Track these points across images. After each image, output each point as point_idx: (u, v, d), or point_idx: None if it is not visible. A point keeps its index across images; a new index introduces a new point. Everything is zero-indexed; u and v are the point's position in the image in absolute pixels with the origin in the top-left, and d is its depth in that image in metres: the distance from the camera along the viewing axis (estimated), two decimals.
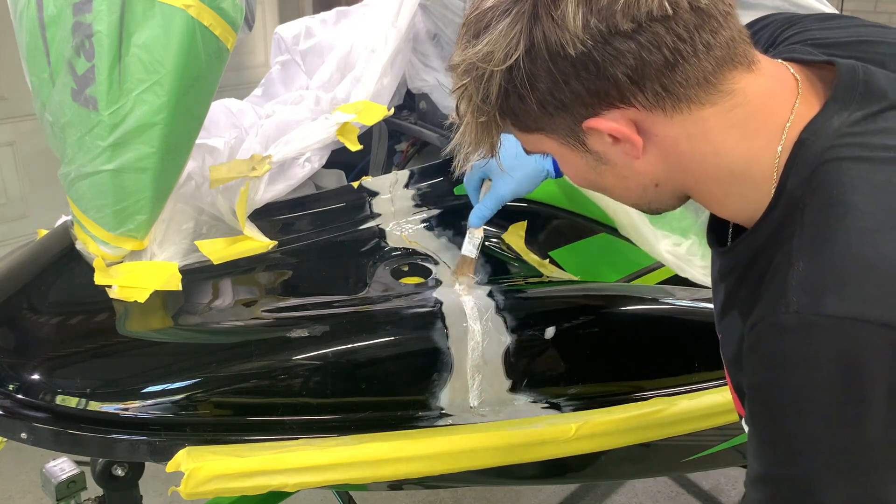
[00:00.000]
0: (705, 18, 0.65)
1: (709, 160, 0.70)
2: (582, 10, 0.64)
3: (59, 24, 1.11)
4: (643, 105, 0.67)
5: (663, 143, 0.70)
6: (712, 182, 0.72)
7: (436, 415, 1.18)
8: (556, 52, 0.65)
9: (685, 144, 0.70)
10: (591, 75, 0.66)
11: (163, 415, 1.08)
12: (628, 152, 0.71)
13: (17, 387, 1.09)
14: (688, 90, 0.67)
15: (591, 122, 0.69)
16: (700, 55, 0.66)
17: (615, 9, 0.63)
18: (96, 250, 1.22)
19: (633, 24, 0.63)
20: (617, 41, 0.64)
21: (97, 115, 1.10)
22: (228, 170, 1.27)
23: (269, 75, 1.75)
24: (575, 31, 0.64)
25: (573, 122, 0.70)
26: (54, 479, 1.23)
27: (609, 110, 0.68)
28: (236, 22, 1.11)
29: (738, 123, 0.69)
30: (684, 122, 0.68)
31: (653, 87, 0.66)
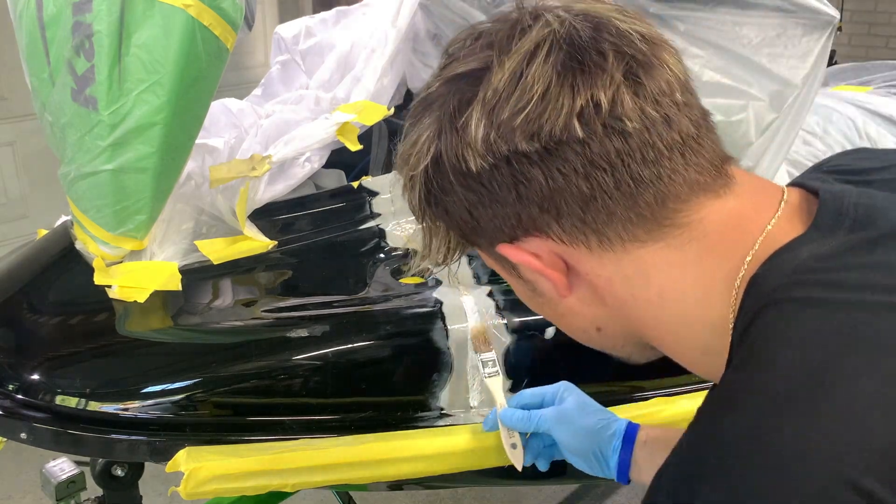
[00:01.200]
0: (634, 147, 0.53)
1: (654, 306, 0.58)
2: (484, 123, 0.54)
3: (58, 23, 1.11)
4: (561, 238, 0.57)
5: (593, 282, 0.59)
6: (666, 333, 0.59)
7: (436, 415, 1.18)
8: (458, 168, 0.56)
9: (621, 287, 0.58)
10: (496, 197, 0.56)
11: (162, 415, 1.08)
12: (554, 287, 0.60)
13: (16, 387, 1.09)
14: (615, 226, 0.55)
15: (504, 248, 0.59)
16: (627, 188, 0.54)
17: (513, 125, 0.53)
18: (96, 250, 1.22)
19: (535, 143, 0.53)
20: (520, 163, 0.54)
21: (97, 115, 1.10)
22: (228, 170, 1.27)
23: (269, 75, 1.75)
24: (475, 145, 0.55)
25: (492, 245, 0.60)
26: (54, 479, 1.23)
27: (527, 238, 0.58)
28: (236, 22, 1.11)
29: (690, 261, 0.56)
30: (618, 262, 0.57)
31: (570, 219, 0.55)
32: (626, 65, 0.53)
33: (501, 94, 0.54)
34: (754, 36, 1.34)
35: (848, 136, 1.66)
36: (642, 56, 0.54)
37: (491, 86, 0.54)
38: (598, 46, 0.54)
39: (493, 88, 0.54)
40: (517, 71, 0.54)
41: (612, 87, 0.53)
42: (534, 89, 0.53)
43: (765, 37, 1.34)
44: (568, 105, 0.53)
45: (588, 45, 0.54)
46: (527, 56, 0.54)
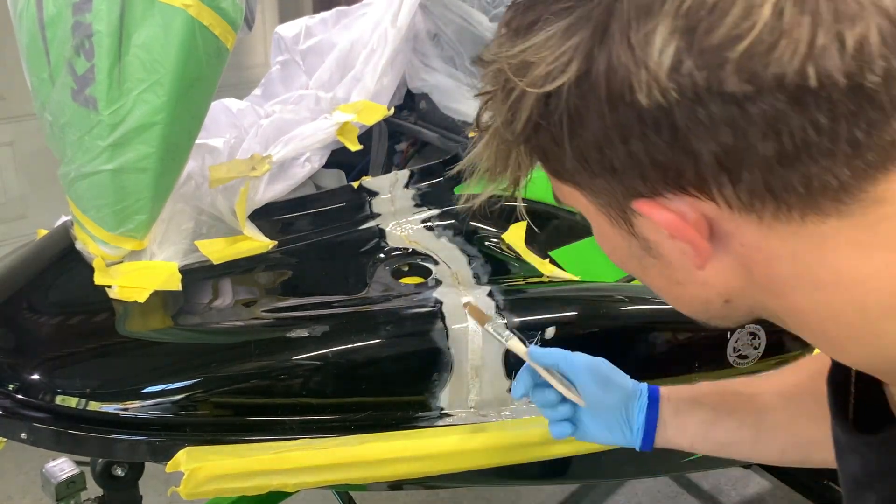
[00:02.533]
0: (865, 105, 0.41)
1: (823, 291, 0.48)
2: (676, 45, 0.41)
3: (58, 23, 1.11)
4: (728, 202, 0.45)
5: (749, 257, 0.48)
6: (826, 319, 0.49)
7: (436, 415, 1.18)
8: (620, 94, 0.43)
9: (785, 265, 0.47)
10: (662, 141, 0.44)
11: (162, 415, 1.08)
12: (689, 255, 0.49)
13: (16, 387, 1.09)
14: (806, 197, 0.44)
15: (643, 204, 0.47)
16: (839, 155, 0.42)
17: (727, 56, 0.41)
18: (96, 250, 1.22)
19: (748, 86, 0.41)
20: (715, 104, 0.42)
21: (97, 115, 1.10)
22: (228, 170, 1.27)
23: (268, 75, 1.75)
24: (657, 70, 0.42)
25: (621, 194, 0.48)
26: (54, 479, 1.23)
27: (676, 194, 0.46)
28: (236, 21, 1.11)
29: (883, 243, 0.46)
30: (791, 237, 0.46)
31: (751, 181, 0.44)
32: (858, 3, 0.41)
33: (712, 8, 0.41)
34: None
35: None
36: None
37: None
38: None
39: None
40: None
41: (860, 23, 0.40)
42: (762, 10, 0.40)
43: None
44: (806, 41, 0.40)
45: None
46: None
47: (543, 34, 0.46)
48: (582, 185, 0.51)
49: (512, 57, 0.47)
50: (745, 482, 2.47)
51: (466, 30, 1.54)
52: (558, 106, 0.46)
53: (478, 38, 1.55)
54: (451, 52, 1.59)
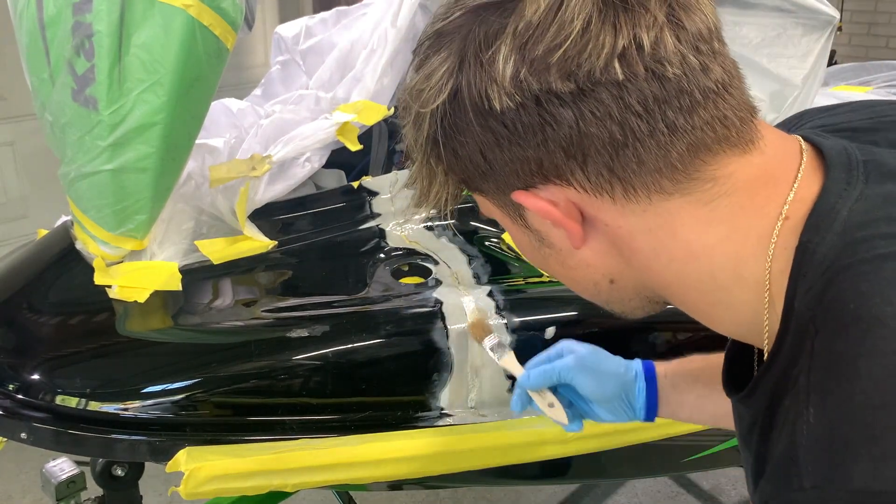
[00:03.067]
0: (672, 93, 0.51)
1: (679, 262, 0.56)
2: (514, 58, 0.51)
3: (58, 23, 1.11)
4: (583, 186, 0.54)
5: (614, 234, 0.57)
6: (690, 289, 0.57)
7: (436, 415, 1.18)
8: (481, 105, 0.53)
9: (644, 240, 0.56)
10: (519, 139, 0.53)
11: (162, 415, 1.08)
12: (568, 238, 0.58)
13: (17, 387, 1.09)
14: (643, 177, 0.53)
15: (519, 195, 0.56)
16: (661, 136, 0.51)
17: (549, 61, 0.50)
18: (96, 250, 1.22)
19: (570, 84, 0.50)
20: (551, 103, 0.51)
21: (97, 115, 1.10)
22: (228, 170, 1.27)
23: (269, 75, 1.75)
24: (503, 82, 0.51)
25: (505, 190, 0.57)
26: (54, 479, 1.23)
27: (545, 184, 0.55)
28: (236, 22, 1.11)
29: (721, 217, 0.54)
30: (643, 214, 0.55)
31: (596, 166, 0.53)
32: (668, 5, 0.51)
33: (536, 27, 0.51)
34: (754, 36, 1.34)
35: None
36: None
37: (524, 18, 0.51)
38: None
39: (527, 21, 0.51)
40: (554, 3, 0.51)
41: (654, 28, 0.50)
42: (573, 25, 0.50)
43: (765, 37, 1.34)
44: (609, 44, 0.50)
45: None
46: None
47: (429, 66, 0.56)
48: (483, 190, 0.59)
49: (410, 88, 0.57)
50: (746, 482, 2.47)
51: None
52: (444, 121, 0.55)
53: None
54: None
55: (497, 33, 0.52)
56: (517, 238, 0.63)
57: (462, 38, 0.54)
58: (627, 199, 0.54)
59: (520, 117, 0.52)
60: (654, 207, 0.54)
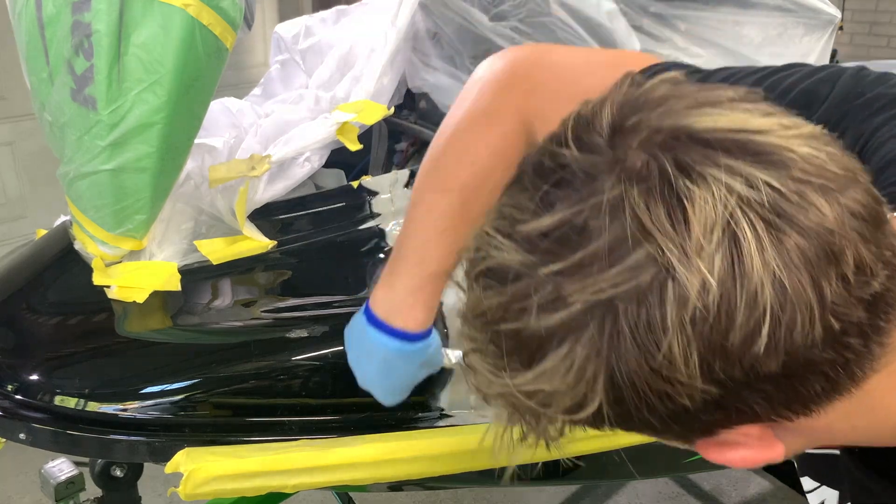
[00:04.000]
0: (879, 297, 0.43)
1: (875, 429, 0.52)
2: (697, 353, 0.41)
3: (57, 23, 1.10)
4: (787, 418, 0.47)
5: (810, 430, 0.50)
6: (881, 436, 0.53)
7: (436, 415, 1.18)
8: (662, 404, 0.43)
9: (841, 424, 0.50)
10: (709, 415, 0.45)
11: (162, 415, 1.08)
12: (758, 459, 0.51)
13: (15, 387, 1.09)
14: (845, 387, 0.46)
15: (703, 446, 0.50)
16: (873, 346, 0.44)
17: (754, 350, 0.40)
18: (95, 250, 1.22)
19: (786, 357, 0.41)
20: (755, 383, 0.43)
21: (96, 115, 1.10)
22: (228, 169, 1.27)
23: (268, 74, 1.75)
24: (690, 381, 0.42)
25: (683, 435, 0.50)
26: (53, 479, 1.23)
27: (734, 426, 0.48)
28: (236, 21, 1.11)
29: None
30: (841, 406, 0.47)
31: (803, 399, 0.46)
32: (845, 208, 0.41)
33: (714, 313, 0.40)
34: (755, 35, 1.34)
35: None
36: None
37: (689, 303, 0.40)
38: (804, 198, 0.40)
39: (694, 308, 0.40)
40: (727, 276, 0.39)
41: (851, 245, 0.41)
42: (763, 296, 0.39)
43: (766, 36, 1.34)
44: (817, 300, 0.40)
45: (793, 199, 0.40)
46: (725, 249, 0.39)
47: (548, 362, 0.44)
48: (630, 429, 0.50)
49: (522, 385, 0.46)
50: (746, 483, 2.47)
51: (466, 29, 1.54)
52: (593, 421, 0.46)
53: (478, 38, 1.55)
54: (451, 52, 1.59)
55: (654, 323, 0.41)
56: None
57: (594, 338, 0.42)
58: (830, 402, 0.47)
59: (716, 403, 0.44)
60: (852, 398, 0.47)
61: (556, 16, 1.37)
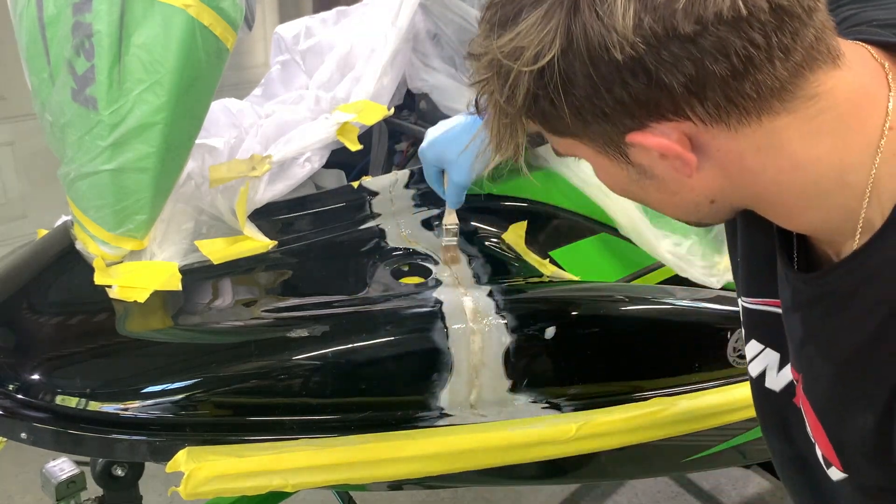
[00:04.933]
0: (786, 19, 0.54)
1: (786, 174, 0.60)
2: (634, 7, 0.53)
3: (58, 23, 1.11)
4: (701, 118, 0.57)
5: (724, 159, 0.60)
6: (789, 196, 0.62)
7: (436, 415, 1.18)
8: (599, 55, 0.54)
9: (753, 159, 0.59)
10: (639, 83, 0.55)
11: (163, 415, 1.08)
12: (678, 169, 0.61)
13: (16, 387, 1.09)
14: (759, 101, 0.56)
15: (636, 136, 0.59)
16: (776, 61, 0.54)
17: (675, 7, 0.52)
18: (96, 250, 1.22)
19: (696, 25, 0.52)
20: (674, 45, 0.53)
21: (97, 115, 1.10)
22: (228, 169, 1.27)
23: (268, 75, 1.75)
24: (624, 30, 0.53)
25: (614, 133, 0.60)
26: (54, 479, 1.23)
27: (658, 122, 0.58)
28: (236, 21, 1.11)
29: (826, 130, 0.58)
30: (753, 135, 0.58)
31: (715, 98, 0.55)
32: None
33: None
34: None
35: None
36: None
37: None
38: None
39: None
40: None
41: None
42: None
43: None
44: None
45: None
46: None
47: (525, 23, 0.56)
48: (580, 135, 0.62)
49: (502, 46, 0.57)
50: (745, 482, 2.47)
51: (466, 29, 1.54)
52: (552, 76, 0.56)
53: None
54: (452, 52, 1.59)
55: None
56: (610, 174, 0.66)
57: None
58: (741, 124, 0.57)
59: (642, 63, 0.54)
60: (763, 128, 0.57)
61: None
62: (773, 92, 0.56)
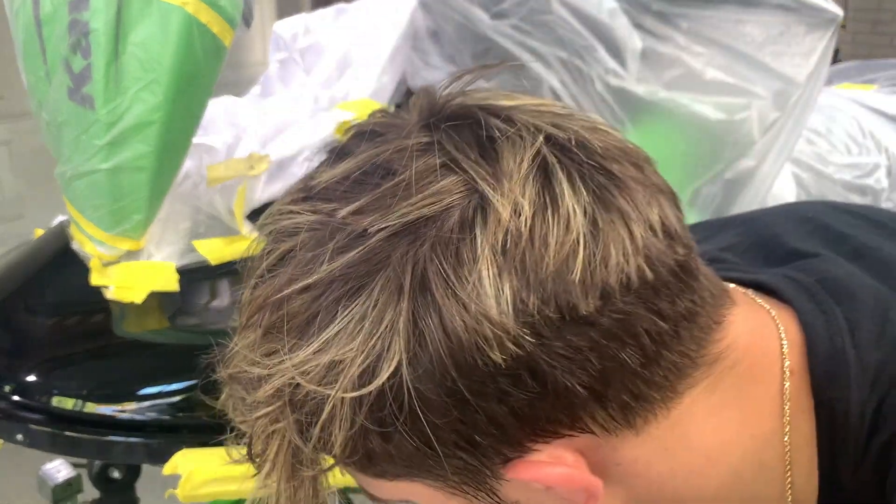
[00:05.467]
0: (687, 279, 0.41)
1: (697, 474, 0.44)
2: (510, 284, 0.37)
3: (55, 21, 1.10)
4: (604, 426, 0.41)
5: (627, 473, 0.44)
6: (711, 499, 0.46)
7: None
8: (467, 361, 0.37)
9: (661, 463, 0.44)
10: (526, 393, 0.38)
11: (160, 416, 1.07)
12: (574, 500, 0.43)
13: (13, 388, 1.09)
14: (667, 388, 0.42)
15: (518, 468, 0.41)
16: (682, 332, 0.41)
17: (569, 279, 0.37)
18: (93, 250, 1.21)
19: (599, 301, 0.38)
20: (572, 332, 0.38)
21: (94, 114, 1.09)
22: (226, 169, 1.26)
23: (267, 73, 1.74)
24: (501, 319, 0.36)
25: (483, 467, 0.41)
26: (51, 481, 1.23)
27: (547, 442, 0.41)
28: (234, 19, 1.10)
29: (729, 401, 0.44)
30: (658, 432, 0.43)
31: (620, 397, 0.40)
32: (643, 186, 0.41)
33: (528, 237, 0.37)
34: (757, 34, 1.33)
35: (852, 134, 1.65)
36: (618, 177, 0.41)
37: (500, 226, 0.37)
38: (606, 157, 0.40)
39: (506, 230, 0.37)
40: (538, 202, 0.38)
41: (656, 208, 0.40)
42: (576, 220, 0.37)
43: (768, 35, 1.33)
44: (629, 242, 0.38)
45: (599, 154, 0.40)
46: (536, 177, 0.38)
47: (337, 324, 0.38)
48: (426, 476, 0.42)
49: (303, 364, 0.39)
50: None
51: (467, 27, 1.53)
52: (394, 400, 0.38)
53: (478, 36, 1.54)
54: (451, 50, 1.58)
55: (463, 256, 0.37)
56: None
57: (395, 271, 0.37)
58: (647, 423, 0.42)
59: (531, 363, 0.38)
60: (668, 421, 0.43)
61: (558, 14, 1.36)
62: (679, 370, 0.42)
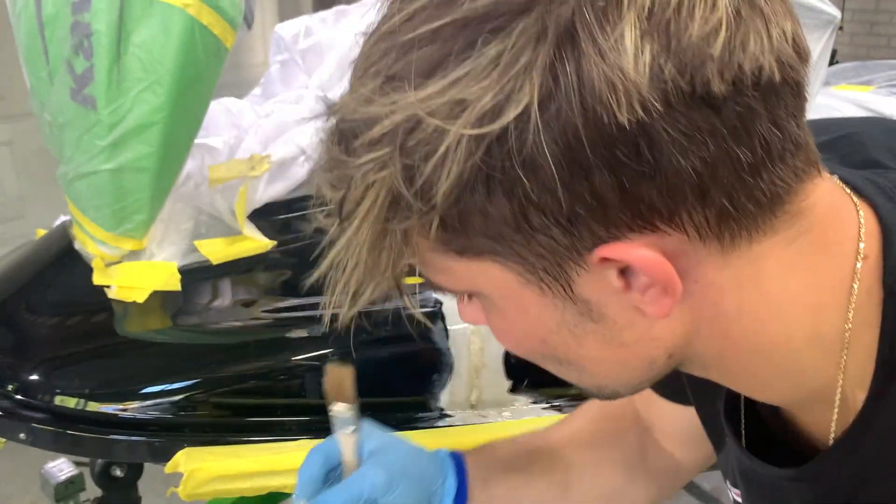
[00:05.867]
0: (798, 100, 0.38)
1: (760, 321, 0.42)
2: (651, 46, 0.34)
3: (57, 23, 1.10)
4: (697, 230, 0.38)
5: (703, 296, 0.41)
6: (759, 354, 0.44)
7: (436, 415, 1.18)
8: (595, 116, 0.34)
9: (732, 298, 0.41)
10: (639, 166, 0.35)
11: (162, 415, 1.08)
12: (649, 305, 0.40)
13: (15, 387, 1.09)
14: (759, 213, 0.39)
15: (609, 248, 0.38)
16: (787, 157, 0.38)
17: (710, 52, 0.35)
18: (95, 250, 1.21)
19: (730, 87, 0.35)
20: (698, 112, 0.35)
21: (96, 115, 1.10)
22: (227, 169, 1.27)
23: (268, 74, 1.74)
24: (637, 79, 0.34)
25: (571, 249, 0.38)
26: (53, 479, 1.23)
27: (641, 232, 0.38)
28: (235, 21, 1.11)
29: (803, 261, 0.41)
30: (739, 263, 0.40)
31: (719, 200, 0.37)
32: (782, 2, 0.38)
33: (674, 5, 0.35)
34: None
35: None
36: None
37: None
38: None
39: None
40: None
41: (790, 24, 0.37)
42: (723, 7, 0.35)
43: None
44: (766, 39, 0.36)
45: None
46: None
47: (471, 63, 0.35)
48: (507, 255, 0.40)
49: (427, 98, 0.35)
50: None
51: None
52: (507, 146, 0.35)
53: None
54: None
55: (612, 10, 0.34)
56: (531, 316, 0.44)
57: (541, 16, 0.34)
58: (733, 246, 0.39)
59: (649, 134, 0.35)
60: (751, 253, 0.40)
61: None
62: (774, 200, 0.39)
